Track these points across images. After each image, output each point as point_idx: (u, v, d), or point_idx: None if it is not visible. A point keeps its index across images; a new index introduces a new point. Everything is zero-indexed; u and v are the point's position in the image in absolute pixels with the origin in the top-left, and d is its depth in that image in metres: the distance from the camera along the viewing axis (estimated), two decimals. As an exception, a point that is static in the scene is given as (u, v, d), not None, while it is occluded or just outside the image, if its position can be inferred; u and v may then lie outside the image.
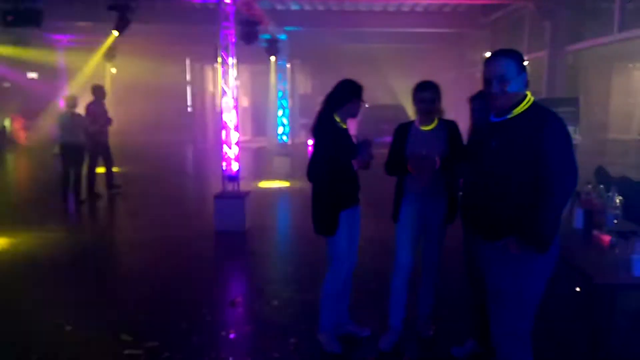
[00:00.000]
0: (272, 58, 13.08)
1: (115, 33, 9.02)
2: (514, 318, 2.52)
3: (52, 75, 15.30)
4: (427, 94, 3.38)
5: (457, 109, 4.52)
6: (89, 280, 4.99)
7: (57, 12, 11.12)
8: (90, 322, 3.98)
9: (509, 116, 2.48)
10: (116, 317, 4.08)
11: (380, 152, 3.61)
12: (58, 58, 14.52)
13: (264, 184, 10.07)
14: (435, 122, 3.45)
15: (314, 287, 4.28)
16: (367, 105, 3.73)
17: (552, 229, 2.38)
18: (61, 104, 14.03)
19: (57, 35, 13.59)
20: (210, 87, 20.93)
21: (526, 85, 2.51)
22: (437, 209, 3.44)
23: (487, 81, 2.50)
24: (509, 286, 2.49)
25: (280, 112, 13.19)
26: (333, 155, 3.32)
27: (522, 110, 2.47)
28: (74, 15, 11.50)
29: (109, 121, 8.96)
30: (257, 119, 20.24)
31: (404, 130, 3.52)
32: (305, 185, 3.63)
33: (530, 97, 2.50)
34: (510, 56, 2.48)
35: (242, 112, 19.58)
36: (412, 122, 3.54)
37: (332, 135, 3.36)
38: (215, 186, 7.29)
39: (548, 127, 2.35)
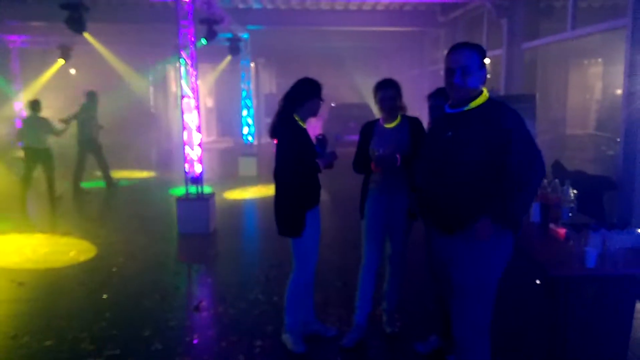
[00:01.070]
0: (228, 57, 13.00)
1: (85, 35, 8.84)
2: (474, 309, 2.56)
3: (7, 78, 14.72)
4: (387, 92, 3.43)
5: (420, 106, 4.58)
6: (47, 286, 4.84)
7: (10, 12, 10.74)
8: (49, 330, 3.85)
9: (466, 108, 2.52)
10: (76, 324, 3.95)
11: (347, 151, 3.62)
12: (12, 59, 13.98)
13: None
14: (398, 119, 3.49)
15: (279, 288, 4.27)
16: (333, 105, 3.75)
17: (526, 211, 2.60)
18: (17, 108, 13.58)
19: (10, 35, 13.08)
20: (173, 88, 20.60)
21: (483, 82, 2.55)
22: (402, 204, 3.46)
23: (449, 71, 2.51)
24: (469, 277, 2.53)
25: (244, 112, 13.02)
26: (298, 155, 3.30)
27: (478, 104, 2.51)
28: (27, 15, 11.10)
29: (99, 126, 9.51)
30: (222, 119, 20.03)
31: (369, 128, 3.58)
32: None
33: (486, 93, 2.55)
34: (474, 49, 2.53)
35: (207, 113, 19.37)
36: (377, 120, 3.59)
37: (295, 135, 3.34)
38: (179, 188, 7.18)
39: (509, 119, 2.41)
